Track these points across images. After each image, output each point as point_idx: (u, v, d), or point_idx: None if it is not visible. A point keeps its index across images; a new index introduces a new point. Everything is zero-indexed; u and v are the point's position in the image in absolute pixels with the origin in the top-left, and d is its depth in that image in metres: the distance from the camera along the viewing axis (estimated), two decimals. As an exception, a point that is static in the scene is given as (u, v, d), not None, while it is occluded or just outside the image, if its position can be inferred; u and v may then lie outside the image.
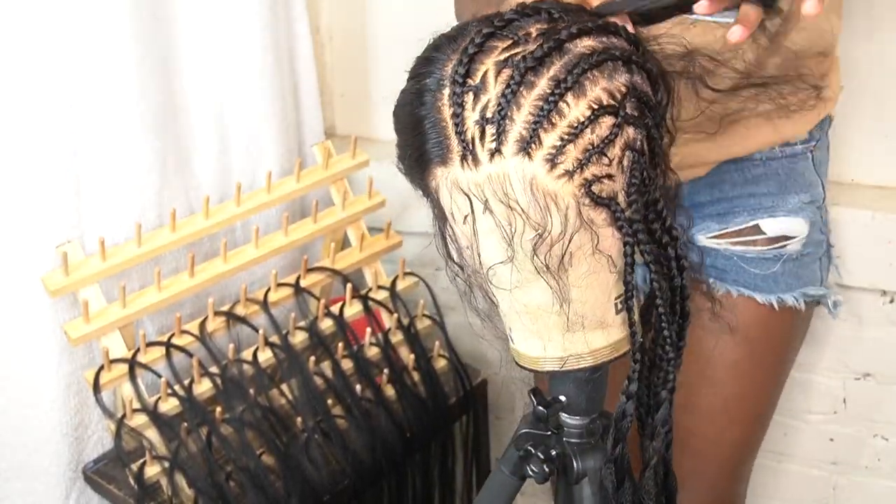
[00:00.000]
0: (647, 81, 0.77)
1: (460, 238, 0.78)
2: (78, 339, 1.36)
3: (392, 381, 1.53)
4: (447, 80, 0.74)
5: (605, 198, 0.75)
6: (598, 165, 0.73)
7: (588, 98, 0.73)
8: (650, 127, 0.76)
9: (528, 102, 0.72)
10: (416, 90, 0.76)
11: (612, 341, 0.82)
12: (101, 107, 1.38)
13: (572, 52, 0.73)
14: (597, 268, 0.77)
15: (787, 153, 1.15)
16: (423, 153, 0.76)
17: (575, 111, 0.72)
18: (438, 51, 0.76)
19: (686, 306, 0.82)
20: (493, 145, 0.73)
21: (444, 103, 0.74)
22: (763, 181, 1.15)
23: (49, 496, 1.46)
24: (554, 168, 0.73)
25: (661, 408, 0.82)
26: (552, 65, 0.73)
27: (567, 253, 0.75)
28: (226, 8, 1.51)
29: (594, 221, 0.75)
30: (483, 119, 0.73)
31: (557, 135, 0.72)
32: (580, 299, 0.79)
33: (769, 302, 1.17)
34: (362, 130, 1.84)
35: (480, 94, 0.73)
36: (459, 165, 0.74)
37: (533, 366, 0.84)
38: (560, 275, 0.77)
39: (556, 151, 0.72)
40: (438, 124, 0.75)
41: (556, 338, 0.81)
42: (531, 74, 0.72)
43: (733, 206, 1.16)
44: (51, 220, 1.37)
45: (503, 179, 0.73)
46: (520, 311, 0.81)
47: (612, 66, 0.74)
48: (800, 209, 1.16)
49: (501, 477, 0.95)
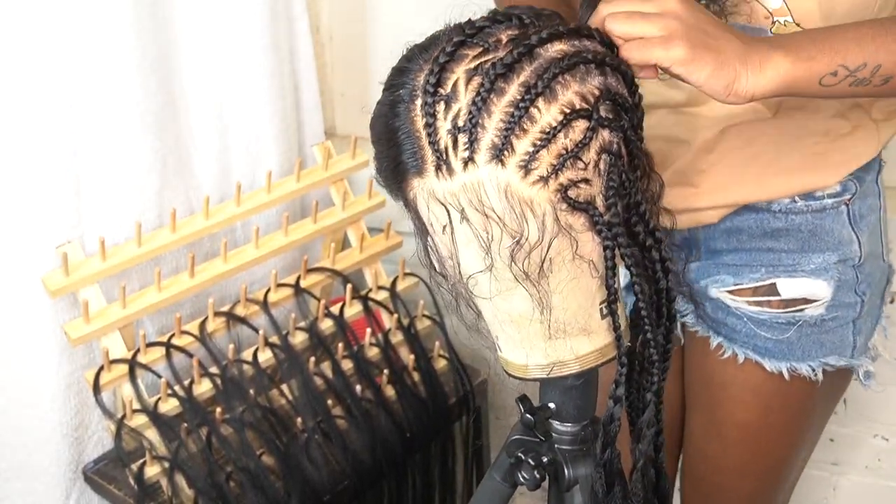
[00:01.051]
0: (622, 84, 0.76)
1: (441, 248, 0.78)
2: (78, 340, 1.36)
3: (392, 381, 1.53)
4: (419, 90, 0.74)
5: (582, 202, 0.74)
6: (573, 170, 0.73)
7: (560, 102, 0.72)
8: (626, 129, 0.75)
9: (499, 109, 0.72)
10: (389, 101, 0.76)
11: (597, 346, 0.81)
12: (101, 107, 1.38)
13: (543, 56, 0.73)
14: (578, 273, 0.77)
15: (813, 207, 1.03)
16: (399, 164, 0.76)
17: (547, 116, 0.72)
18: (411, 61, 0.76)
19: (672, 309, 0.81)
20: (465, 154, 0.72)
21: (416, 114, 0.74)
22: (783, 237, 1.05)
23: (49, 496, 1.46)
24: (528, 174, 0.72)
25: (647, 410, 0.82)
26: (522, 70, 0.72)
27: (546, 259, 0.75)
28: (226, 8, 1.51)
29: (573, 227, 0.75)
30: (455, 128, 0.72)
31: (530, 141, 0.72)
32: (562, 306, 0.78)
33: (778, 370, 1.08)
34: (362, 130, 1.83)
35: (452, 103, 0.73)
36: (434, 175, 0.74)
37: (519, 373, 0.84)
38: (540, 281, 0.76)
39: (530, 157, 0.72)
40: (412, 135, 0.74)
41: (540, 345, 0.81)
42: (501, 81, 0.72)
43: (751, 258, 1.07)
44: (51, 220, 1.37)
45: (478, 188, 0.73)
46: (503, 321, 0.81)
47: (584, 69, 0.74)
48: (823, 270, 1.05)
49: (493, 484, 0.94)
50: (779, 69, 0.78)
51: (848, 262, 1.05)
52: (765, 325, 1.07)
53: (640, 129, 0.78)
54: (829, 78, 0.80)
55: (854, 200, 1.04)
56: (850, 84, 0.81)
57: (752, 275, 1.07)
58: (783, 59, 0.78)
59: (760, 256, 1.06)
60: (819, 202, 1.03)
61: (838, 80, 0.80)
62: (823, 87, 0.81)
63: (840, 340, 1.08)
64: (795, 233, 1.04)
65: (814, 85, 0.80)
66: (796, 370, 1.08)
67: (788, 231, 1.04)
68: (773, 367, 1.08)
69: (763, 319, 1.07)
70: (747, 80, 0.77)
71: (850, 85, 0.81)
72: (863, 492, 1.68)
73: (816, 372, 1.08)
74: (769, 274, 1.06)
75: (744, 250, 1.07)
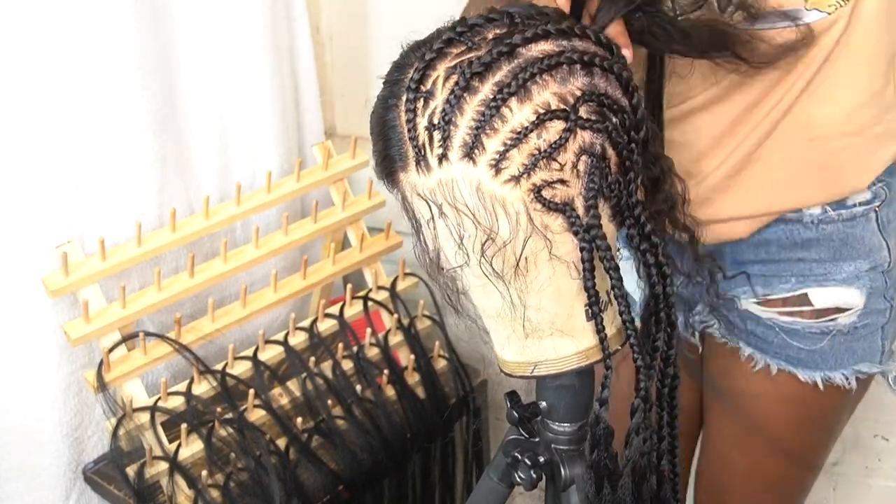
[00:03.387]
0: (614, 85, 0.76)
1: (428, 241, 0.79)
2: (78, 339, 1.36)
3: (392, 381, 1.53)
4: (405, 86, 0.75)
5: (557, 203, 0.74)
6: (547, 171, 0.73)
7: (534, 103, 0.72)
8: (611, 130, 0.74)
9: (471, 108, 0.72)
10: (383, 96, 0.77)
11: (581, 349, 0.81)
12: (101, 106, 1.38)
13: (523, 56, 0.73)
14: (555, 274, 0.77)
15: (845, 216, 1.02)
16: (387, 158, 0.77)
17: (518, 116, 0.72)
18: (406, 57, 0.77)
19: (671, 314, 0.81)
20: (440, 151, 0.73)
21: (401, 110, 0.75)
22: (814, 246, 1.04)
23: (49, 496, 1.46)
24: (499, 173, 0.72)
25: (636, 415, 0.82)
26: (499, 70, 0.72)
27: (522, 258, 0.75)
28: (226, 8, 1.51)
29: (549, 227, 0.74)
30: (431, 125, 0.73)
31: (500, 140, 0.72)
32: (536, 305, 0.78)
33: (812, 380, 1.07)
34: (362, 130, 1.83)
35: (430, 100, 0.73)
36: (415, 171, 0.75)
37: (507, 370, 0.84)
38: (516, 280, 0.76)
39: (500, 157, 0.72)
40: (397, 130, 0.75)
41: (519, 342, 0.81)
42: (476, 80, 0.72)
43: (780, 269, 1.05)
44: (51, 220, 1.37)
45: (452, 184, 0.73)
46: (489, 315, 0.82)
47: (567, 69, 0.73)
48: (855, 278, 1.04)
49: (489, 484, 0.94)
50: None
51: (878, 268, 1.04)
52: (797, 335, 1.06)
53: (636, 131, 0.77)
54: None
55: (882, 206, 1.03)
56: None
57: (781, 285, 1.06)
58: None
59: (790, 267, 1.05)
60: (850, 210, 1.02)
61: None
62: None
63: (870, 347, 1.07)
64: (827, 242, 1.03)
65: None
66: (830, 379, 1.07)
67: (819, 241, 1.03)
68: (807, 377, 1.07)
69: (796, 329, 1.06)
70: None
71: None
72: (863, 492, 1.68)
73: (850, 380, 1.07)
74: (799, 284, 1.05)
75: (772, 261, 1.06)
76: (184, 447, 1.37)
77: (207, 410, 1.44)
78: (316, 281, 1.57)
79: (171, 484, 1.35)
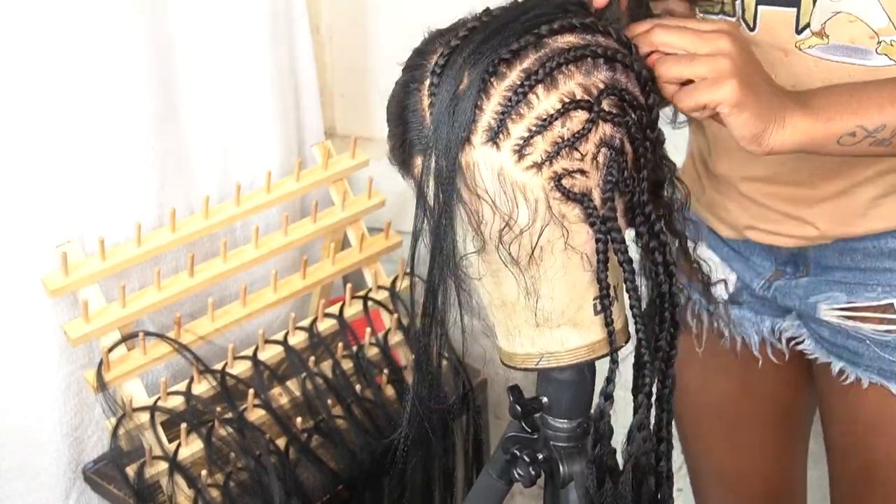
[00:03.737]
0: (633, 82, 0.76)
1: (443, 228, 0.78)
2: (78, 339, 1.36)
3: (392, 381, 1.53)
4: (429, 71, 0.75)
5: (576, 193, 0.74)
6: (568, 160, 0.73)
7: (560, 91, 0.72)
8: (630, 126, 0.75)
9: (498, 93, 0.72)
10: (403, 81, 0.77)
11: (588, 342, 0.81)
12: (101, 106, 1.38)
13: (550, 46, 0.73)
14: (569, 264, 0.77)
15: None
16: (404, 141, 0.77)
17: (545, 103, 0.72)
18: (429, 44, 0.77)
19: (675, 314, 0.81)
20: (462, 134, 0.73)
21: (424, 94, 0.75)
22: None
23: (49, 496, 1.46)
24: (522, 159, 0.72)
25: (639, 412, 0.82)
26: (526, 57, 0.73)
27: (537, 247, 0.75)
28: (226, 8, 1.51)
29: (566, 216, 0.75)
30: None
31: (525, 126, 0.72)
32: (549, 295, 0.78)
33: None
34: (362, 130, 1.84)
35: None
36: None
37: (510, 362, 0.84)
38: (529, 268, 0.77)
39: (524, 142, 0.72)
40: (418, 114, 0.75)
41: (528, 333, 0.81)
42: (504, 66, 0.72)
43: (866, 277, 1.03)
44: (51, 220, 1.37)
45: (473, 168, 0.73)
46: (497, 305, 0.81)
47: (591, 62, 0.74)
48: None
49: (489, 480, 0.94)
50: (797, 126, 0.78)
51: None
52: (889, 346, 1.04)
53: (651, 129, 0.77)
54: (848, 138, 0.80)
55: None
56: (870, 144, 0.82)
57: (867, 293, 1.04)
58: (802, 119, 0.79)
59: (877, 276, 1.03)
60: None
61: (857, 140, 0.81)
62: (842, 147, 0.81)
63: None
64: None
65: (832, 143, 0.81)
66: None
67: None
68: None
69: (887, 341, 1.04)
70: (773, 133, 0.78)
71: (869, 145, 0.82)
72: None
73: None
74: (886, 294, 1.03)
75: (858, 269, 1.04)
76: (183, 447, 1.37)
77: (207, 410, 1.44)
78: (316, 281, 1.57)
79: (170, 484, 1.35)
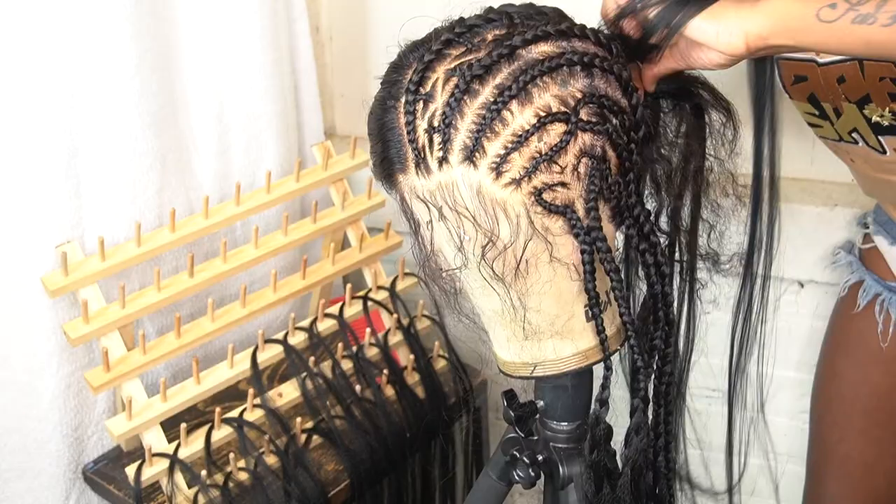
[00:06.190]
0: (613, 86, 0.75)
1: (426, 243, 0.78)
2: (77, 339, 1.36)
3: (391, 381, 1.53)
4: (403, 88, 0.74)
5: (558, 205, 0.74)
6: (548, 173, 0.73)
7: (535, 105, 0.72)
8: (611, 132, 0.74)
9: (472, 111, 0.72)
10: (381, 97, 0.77)
11: (581, 349, 0.81)
12: (101, 106, 1.38)
13: (524, 58, 0.73)
14: (555, 276, 0.77)
15: None
16: (385, 160, 0.77)
17: (520, 119, 0.72)
18: (404, 58, 0.76)
19: (670, 314, 0.81)
20: (440, 154, 0.73)
21: (400, 111, 0.75)
22: None
23: (49, 496, 1.46)
24: (500, 176, 0.72)
25: (635, 415, 0.82)
26: (499, 72, 0.72)
27: (522, 261, 0.75)
28: (226, 8, 1.51)
29: (550, 229, 0.74)
30: (431, 128, 0.73)
31: (501, 143, 0.72)
32: (536, 307, 0.78)
33: None
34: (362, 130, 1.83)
35: (429, 103, 0.73)
36: (415, 173, 0.75)
37: (506, 370, 0.84)
38: (516, 282, 0.76)
39: (501, 160, 0.72)
40: (396, 132, 0.75)
41: (519, 344, 0.81)
42: (476, 82, 0.72)
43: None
44: (51, 220, 1.37)
45: (452, 187, 0.73)
46: (489, 316, 0.81)
47: (567, 71, 0.73)
48: None
49: (488, 482, 0.95)
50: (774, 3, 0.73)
51: None
52: None
53: (636, 131, 0.77)
54: (827, 11, 0.72)
55: None
56: (853, 20, 0.72)
57: None
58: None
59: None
60: None
61: (838, 15, 0.72)
62: (822, 23, 0.73)
63: None
64: None
65: (811, 19, 0.73)
66: None
67: None
68: None
69: None
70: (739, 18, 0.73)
71: (852, 21, 0.72)
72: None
73: None
74: None
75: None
76: (183, 447, 1.38)
77: (207, 410, 1.44)
78: (315, 281, 1.57)
79: (170, 484, 1.35)
